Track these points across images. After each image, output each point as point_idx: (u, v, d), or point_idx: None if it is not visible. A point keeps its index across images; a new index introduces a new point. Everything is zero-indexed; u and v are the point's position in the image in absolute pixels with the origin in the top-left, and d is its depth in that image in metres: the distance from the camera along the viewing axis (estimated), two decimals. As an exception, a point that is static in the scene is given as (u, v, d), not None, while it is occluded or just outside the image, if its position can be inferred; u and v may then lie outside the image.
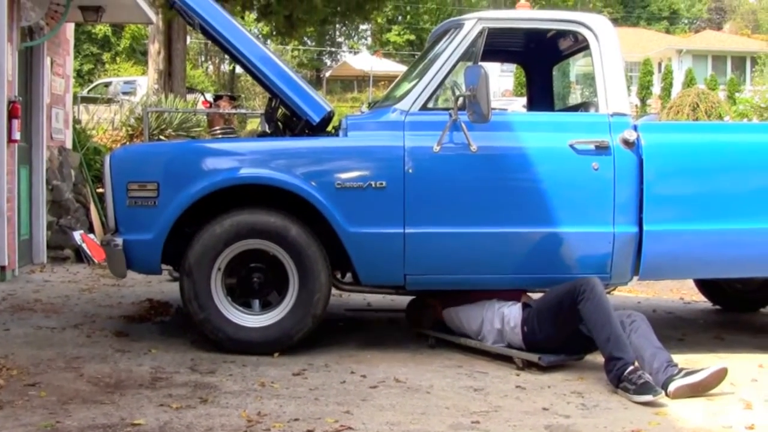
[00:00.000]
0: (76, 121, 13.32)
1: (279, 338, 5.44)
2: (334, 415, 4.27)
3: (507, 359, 5.36)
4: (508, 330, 5.45)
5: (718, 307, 7.57)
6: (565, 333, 5.27)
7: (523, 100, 10.01)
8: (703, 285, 7.59)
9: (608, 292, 6.03)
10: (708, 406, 4.64)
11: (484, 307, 5.60)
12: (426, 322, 5.91)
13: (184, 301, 5.49)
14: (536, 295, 5.70)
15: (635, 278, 5.77)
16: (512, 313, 5.48)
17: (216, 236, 5.39)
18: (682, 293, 8.44)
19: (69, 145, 11.10)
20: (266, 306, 5.56)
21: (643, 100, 41.20)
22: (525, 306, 5.50)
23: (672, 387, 4.74)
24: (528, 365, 5.28)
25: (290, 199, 5.43)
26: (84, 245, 9.84)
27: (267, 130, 6.36)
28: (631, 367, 4.78)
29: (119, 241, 5.44)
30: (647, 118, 23.60)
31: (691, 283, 8.01)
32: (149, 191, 5.42)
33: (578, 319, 5.08)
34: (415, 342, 5.90)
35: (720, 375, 4.82)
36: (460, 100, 5.44)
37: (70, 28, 10.99)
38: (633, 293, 8.42)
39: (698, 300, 7.86)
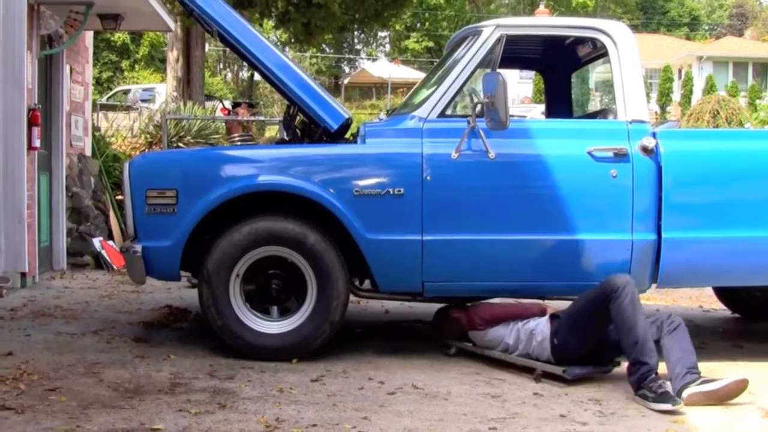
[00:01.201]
0: (95, 129, 13.41)
1: (297, 344, 5.48)
2: (352, 421, 4.30)
3: (530, 371, 5.32)
4: (536, 345, 5.38)
5: (737, 315, 7.56)
6: (594, 339, 5.23)
7: (542, 107, 10.02)
8: (722, 293, 7.57)
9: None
10: (725, 414, 4.65)
11: (508, 326, 5.54)
12: (450, 333, 5.85)
13: (203, 308, 5.53)
14: (558, 305, 5.71)
15: (654, 286, 5.78)
16: (539, 327, 5.42)
17: (234, 243, 5.43)
18: (701, 301, 8.42)
19: (88, 152, 11.18)
20: (285, 312, 5.60)
21: (663, 107, 41.08)
22: (553, 318, 5.45)
23: (686, 393, 4.75)
24: (551, 377, 5.23)
25: (308, 206, 5.46)
26: (103, 252, 9.91)
27: (285, 137, 6.40)
28: (653, 375, 4.78)
29: (138, 247, 5.49)
30: (667, 125, 23.56)
31: (709, 291, 8.00)
32: (168, 198, 5.47)
33: (608, 320, 5.06)
34: (433, 349, 5.92)
35: (740, 386, 4.82)
36: (478, 107, 5.46)
37: (89, 36, 11.07)
38: (651, 301, 8.40)
39: (717, 308, 7.84)
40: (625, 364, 5.07)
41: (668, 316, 5.11)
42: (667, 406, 4.61)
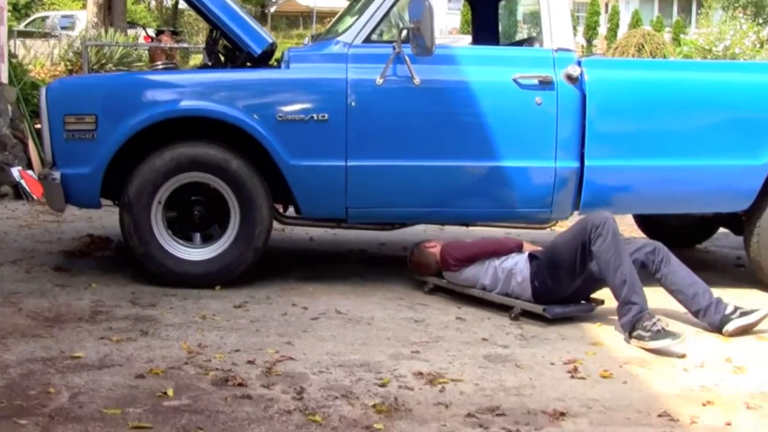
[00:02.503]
0: (12, 56, 13.06)
1: (220, 271, 5.45)
2: (275, 346, 4.31)
3: (507, 308, 5.16)
4: (515, 285, 5.19)
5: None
6: (576, 280, 5.08)
7: (469, 38, 9.99)
8: (642, 221, 7.69)
9: (549, 228, 6.14)
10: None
11: (484, 264, 5.33)
12: (426, 270, 5.61)
13: (125, 236, 5.46)
14: (537, 237, 5.74)
15: (576, 213, 5.84)
16: (518, 266, 5.22)
17: (156, 169, 5.35)
18: (622, 229, 8.50)
19: (5, 79, 10.88)
20: (208, 239, 5.55)
21: (589, 41, 41.24)
22: (532, 258, 5.25)
23: (731, 327, 4.83)
24: (530, 316, 5.09)
25: (232, 132, 5.40)
26: (22, 181, 9.69)
27: (208, 62, 6.30)
28: (646, 314, 4.66)
29: (57, 175, 5.38)
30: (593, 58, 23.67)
31: (630, 219, 8.11)
32: (87, 124, 5.36)
33: (589, 260, 4.94)
34: (357, 275, 5.94)
35: None
36: (404, 32, 5.42)
37: (5, -41, 10.74)
38: (575, 230, 8.50)
39: (637, 237, 7.96)
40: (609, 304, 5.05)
41: (650, 245, 5.09)
42: (668, 342, 4.52)
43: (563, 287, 5.09)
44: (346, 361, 4.15)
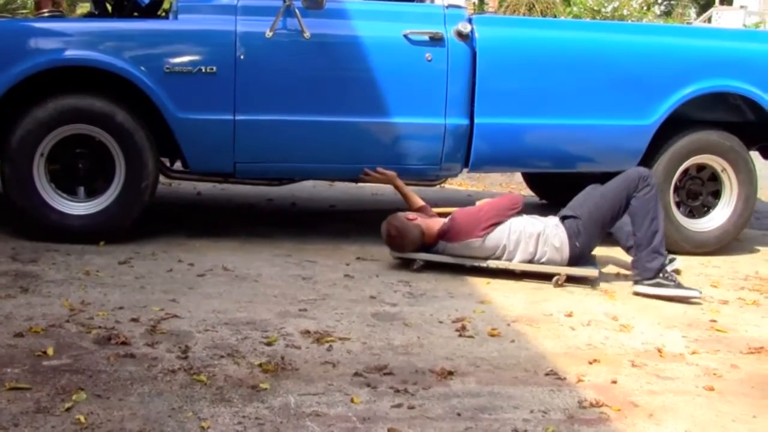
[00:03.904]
0: None
1: (105, 226, 5.32)
2: (160, 303, 4.22)
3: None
4: (549, 249, 5.06)
5: (544, 201, 7.76)
6: (605, 233, 5.26)
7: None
8: (531, 180, 7.78)
9: (439, 185, 6.15)
10: (530, 296, 4.82)
11: (504, 230, 5.07)
12: (409, 245, 5.20)
13: (5, 188, 5.28)
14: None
15: (465, 171, 5.86)
16: (548, 230, 5.09)
17: (38, 120, 5.17)
18: (511, 188, 8.62)
19: None
20: (92, 194, 5.39)
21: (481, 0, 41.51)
22: (564, 219, 5.17)
23: (642, 289, 5.01)
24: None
25: (118, 83, 5.24)
26: None
27: (95, 11, 6.10)
28: (668, 265, 5.06)
29: (-68, 125, 5.16)
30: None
31: (519, 177, 8.20)
32: None
33: (623, 212, 5.11)
34: (245, 231, 5.86)
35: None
36: (295, -15, 5.33)
37: None
38: (464, 186, 8.56)
39: (527, 195, 8.05)
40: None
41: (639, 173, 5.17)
42: (690, 293, 4.92)
43: (595, 244, 5.23)
44: (232, 319, 4.08)
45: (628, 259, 5.28)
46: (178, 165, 5.82)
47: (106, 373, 3.37)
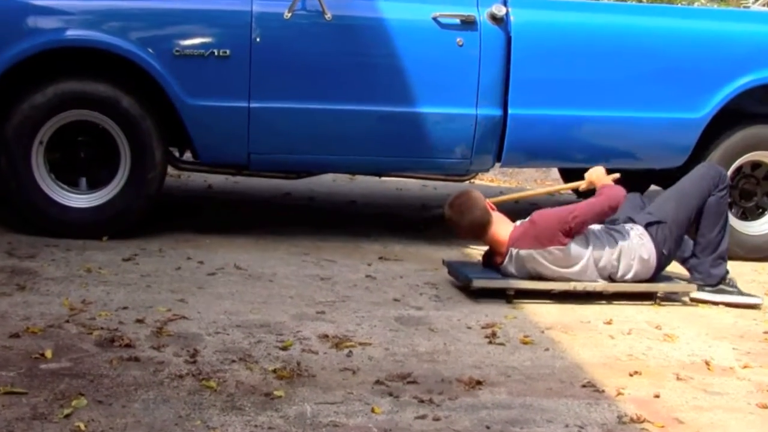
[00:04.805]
0: None
1: (108, 220, 5.36)
2: (167, 304, 4.25)
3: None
4: (636, 263, 4.83)
5: (582, 200, 7.72)
6: None
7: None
8: (568, 176, 7.75)
9: (468, 180, 6.15)
10: (565, 302, 4.81)
11: (588, 245, 4.78)
12: (465, 225, 4.83)
13: (1, 180, 5.31)
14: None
15: (497, 165, 5.85)
16: (633, 241, 4.85)
17: (37, 105, 5.21)
18: (547, 184, 8.61)
19: None
20: (95, 185, 5.43)
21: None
22: (649, 226, 4.95)
23: (703, 296, 5.05)
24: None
25: (124, 66, 5.28)
26: None
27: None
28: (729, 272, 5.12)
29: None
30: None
31: (556, 173, 8.18)
32: None
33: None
34: (259, 227, 5.89)
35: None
36: (315, -39, 5.35)
37: None
38: (495, 183, 8.56)
39: (563, 193, 8.03)
40: None
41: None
42: (758, 300, 5.02)
43: (678, 250, 5.15)
44: (244, 321, 4.10)
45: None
46: (187, 155, 5.85)
47: (108, 377, 3.38)
